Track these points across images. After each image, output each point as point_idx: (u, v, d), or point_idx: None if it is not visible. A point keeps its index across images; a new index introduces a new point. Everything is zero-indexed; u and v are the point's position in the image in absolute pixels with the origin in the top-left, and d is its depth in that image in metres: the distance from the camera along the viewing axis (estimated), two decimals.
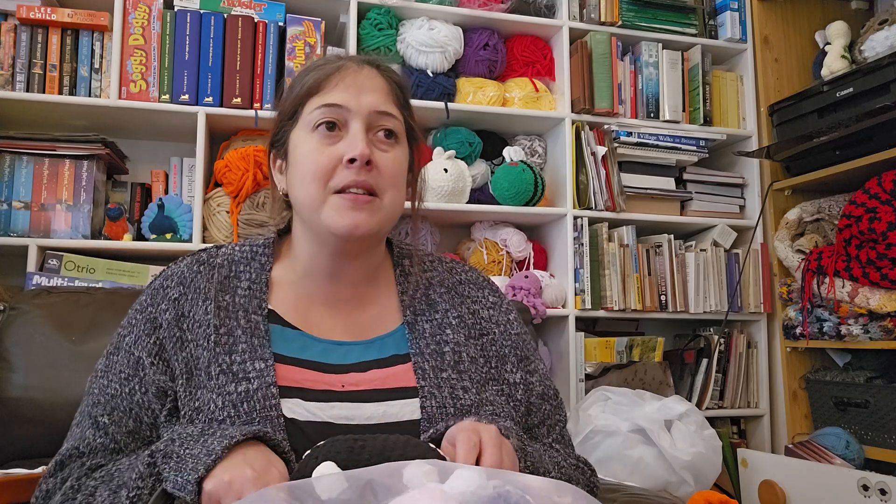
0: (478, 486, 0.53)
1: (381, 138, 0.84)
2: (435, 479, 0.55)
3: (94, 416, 0.81)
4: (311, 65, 0.89)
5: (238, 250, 0.91)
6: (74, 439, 0.81)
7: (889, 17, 2.04)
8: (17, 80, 1.77)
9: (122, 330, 0.86)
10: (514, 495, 0.50)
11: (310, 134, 0.84)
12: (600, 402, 1.79)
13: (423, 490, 0.53)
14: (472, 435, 0.68)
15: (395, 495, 0.53)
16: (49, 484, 0.78)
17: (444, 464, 0.57)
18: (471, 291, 0.95)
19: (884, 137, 1.90)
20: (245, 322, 0.83)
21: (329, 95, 0.83)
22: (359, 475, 0.55)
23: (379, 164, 0.82)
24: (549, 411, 0.92)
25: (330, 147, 0.82)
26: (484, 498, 0.51)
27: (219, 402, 0.76)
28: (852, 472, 1.67)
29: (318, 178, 0.81)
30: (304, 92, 0.86)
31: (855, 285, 1.92)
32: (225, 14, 1.90)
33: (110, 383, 0.82)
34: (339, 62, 0.87)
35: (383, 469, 0.56)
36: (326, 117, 0.83)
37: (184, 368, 0.80)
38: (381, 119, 0.84)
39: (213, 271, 0.87)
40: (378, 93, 0.85)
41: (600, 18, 2.19)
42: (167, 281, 0.87)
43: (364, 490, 0.54)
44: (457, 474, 0.55)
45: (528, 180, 2.02)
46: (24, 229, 1.73)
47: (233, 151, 1.85)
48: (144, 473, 0.71)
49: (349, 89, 0.84)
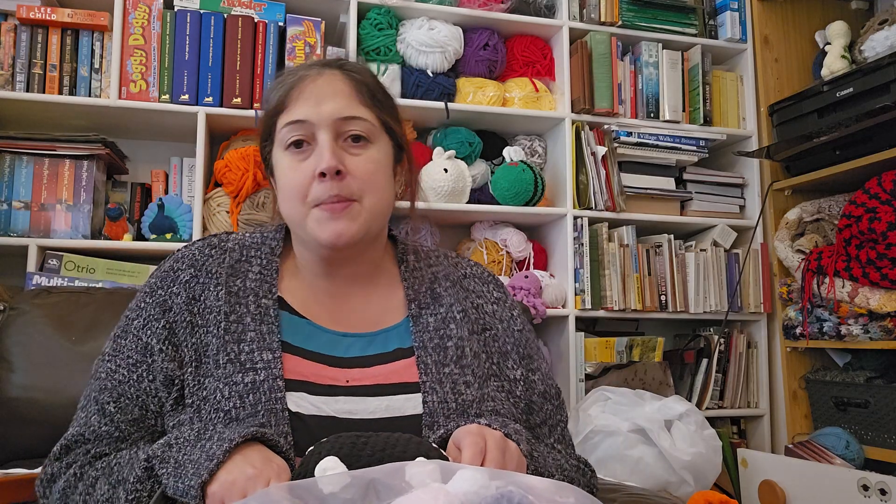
0: (480, 487, 0.53)
1: (351, 143, 0.84)
2: (437, 479, 0.55)
3: (100, 402, 0.82)
4: (276, 81, 0.89)
5: (249, 236, 0.92)
6: (80, 425, 0.82)
7: (889, 17, 2.04)
8: (17, 80, 1.77)
9: (131, 313, 0.86)
10: (517, 495, 0.50)
11: (284, 152, 0.85)
12: (600, 402, 1.79)
13: (425, 490, 0.53)
14: (478, 439, 0.69)
15: (397, 494, 0.53)
16: (54, 468, 0.80)
17: (446, 464, 0.57)
18: (475, 286, 0.95)
19: (884, 137, 1.90)
20: (255, 308, 0.83)
21: (292, 112, 0.83)
22: (362, 474, 0.55)
23: (351, 169, 0.82)
24: (551, 411, 0.92)
25: (302, 163, 0.83)
26: (486, 498, 0.51)
27: (225, 391, 0.77)
28: (852, 472, 1.67)
29: (297, 195, 0.82)
30: (272, 111, 0.86)
31: (855, 285, 1.92)
32: (225, 14, 1.90)
33: (118, 368, 0.82)
34: (298, 72, 0.86)
35: (386, 468, 0.56)
36: (293, 135, 0.83)
37: (193, 355, 0.81)
38: (347, 124, 0.83)
39: (224, 255, 0.88)
40: (339, 97, 0.84)
41: (600, 18, 2.19)
42: (178, 263, 0.87)
43: (367, 489, 0.54)
44: (459, 475, 0.55)
45: (528, 180, 2.02)
46: (24, 229, 1.73)
47: (233, 151, 1.85)
48: (142, 477, 0.71)
49: (309, 101, 0.83)
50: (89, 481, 0.76)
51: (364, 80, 0.87)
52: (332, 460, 0.60)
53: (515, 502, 0.50)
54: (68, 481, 0.77)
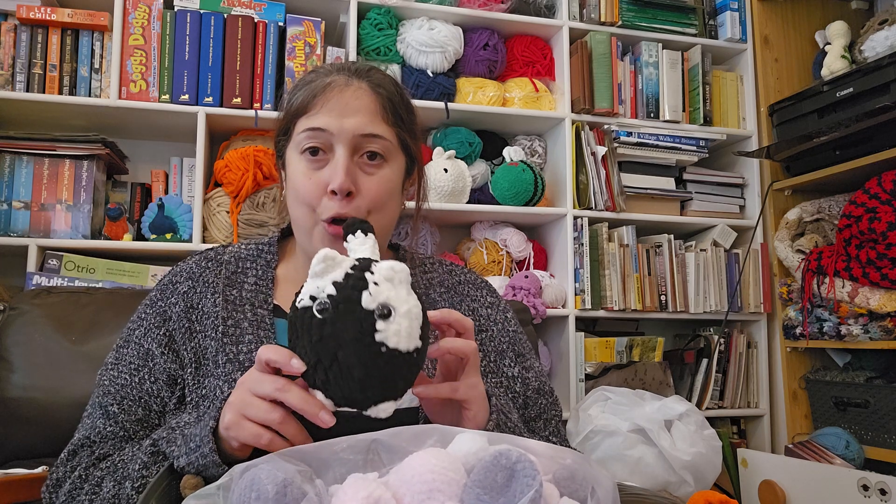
0: (479, 448, 0.55)
1: (366, 160, 0.84)
2: (439, 444, 0.57)
3: (104, 405, 0.84)
4: (304, 79, 0.89)
5: (244, 248, 0.94)
6: (86, 429, 0.84)
7: (889, 17, 2.04)
8: (17, 80, 1.77)
9: (132, 324, 0.89)
10: (515, 453, 0.51)
11: (299, 156, 0.85)
12: (600, 402, 1.79)
13: (427, 451, 0.54)
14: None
15: (399, 457, 0.55)
16: (60, 472, 0.81)
17: (446, 428, 0.58)
18: (470, 291, 0.98)
19: (884, 137, 1.90)
20: (252, 315, 0.85)
21: (314, 118, 0.83)
22: (363, 437, 0.56)
23: (362, 190, 0.83)
24: (546, 406, 0.94)
25: (316, 172, 0.83)
26: (486, 458, 0.52)
27: (225, 388, 0.78)
28: (852, 472, 1.67)
29: (306, 204, 0.83)
30: (294, 111, 0.86)
31: (855, 285, 1.92)
32: (225, 14, 1.90)
33: (120, 374, 0.85)
34: (328, 77, 0.86)
35: (387, 431, 0.57)
36: (311, 142, 0.83)
37: (192, 357, 0.83)
38: (366, 141, 0.83)
39: (220, 267, 0.90)
40: (363, 113, 0.83)
41: (600, 18, 2.19)
42: (176, 277, 0.90)
43: (368, 451, 0.56)
44: (459, 437, 0.56)
45: (528, 180, 2.02)
46: (24, 229, 1.73)
47: (233, 151, 1.85)
48: (148, 462, 0.73)
49: (333, 111, 0.83)
50: (94, 481, 0.78)
51: (390, 95, 0.87)
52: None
53: (514, 460, 0.51)
54: (74, 483, 0.79)
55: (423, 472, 0.51)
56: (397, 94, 0.89)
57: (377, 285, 0.60)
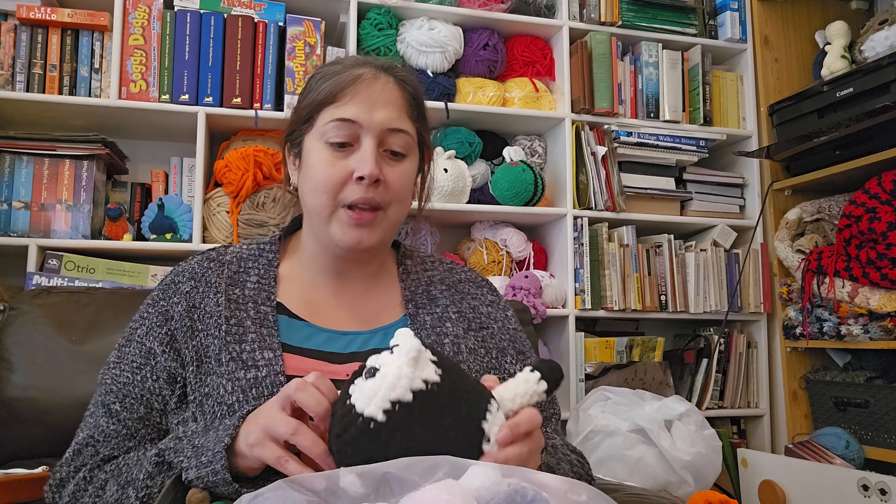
0: (493, 483, 0.53)
1: (391, 154, 0.86)
2: (449, 476, 0.56)
3: (106, 404, 0.84)
4: (328, 69, 0.89)
5: (246, 248, 0.94)
6: (89, 428, 0.84)
7: (889, 17, 2.04)
8: (17, 80, 1.77)
9: (134, 324, 0.89)
10: (530, 491, 0.50)
11: (323, 144, 0.85)
12: (600, 402, 1.79)
13: (439, 484, 0.53)
14: (534, 412, 0.66)
15: (410, 489, 0.54)
16: (63, 472, 0.82)
17: (457, 460, 0.57)
18: (470, 289, 0.99)
19: (884, 137, 1.90)
20: (254, 313, 0.85)
21: (343, 109, 0.84)
22: (374, 469, 0.56)
23: (387, 180, 0.85)
24: (546, 403, 0.95)
25: (341, 161, 0.84)
26: (500, 494, 0.51)
27: (228, 387, 0.79)
28: (852, 472, 1.67)
29: (329, 190, 0.84)
30: (320, 100, 0.86)
31: (855, 285, 1.92)
32: (225, 14, 1.90)
33: (122, 373, 0.85)
34: (356, 70, 0.87)
35: (399, 463, 0.56)
36: (339, 133, 0.84)
37: (194, 356, 0.83)
38: (393, 136, 0.85)
39: (222, 267, 0.90)
40: (391, 107, 0.86)
41: (600, 18, 2.19)
42: (178, 276, 0.90)
43: (380, 484, 0.55)
44: (472, 470, 0.55)
45: (528, 180, 2.02)
46: (24, 229, 1.73)
47: (233, 151, 1.85)
48: (153, 472, 0.74)
49: (363, 104, 0.84)
50: (98, 484, 0.78)
51: (414, 92, 0.90)
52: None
53: (529, 498, 0.50)
54: (78, 485, 0.79)
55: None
56: (419, 90, 0.92)
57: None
